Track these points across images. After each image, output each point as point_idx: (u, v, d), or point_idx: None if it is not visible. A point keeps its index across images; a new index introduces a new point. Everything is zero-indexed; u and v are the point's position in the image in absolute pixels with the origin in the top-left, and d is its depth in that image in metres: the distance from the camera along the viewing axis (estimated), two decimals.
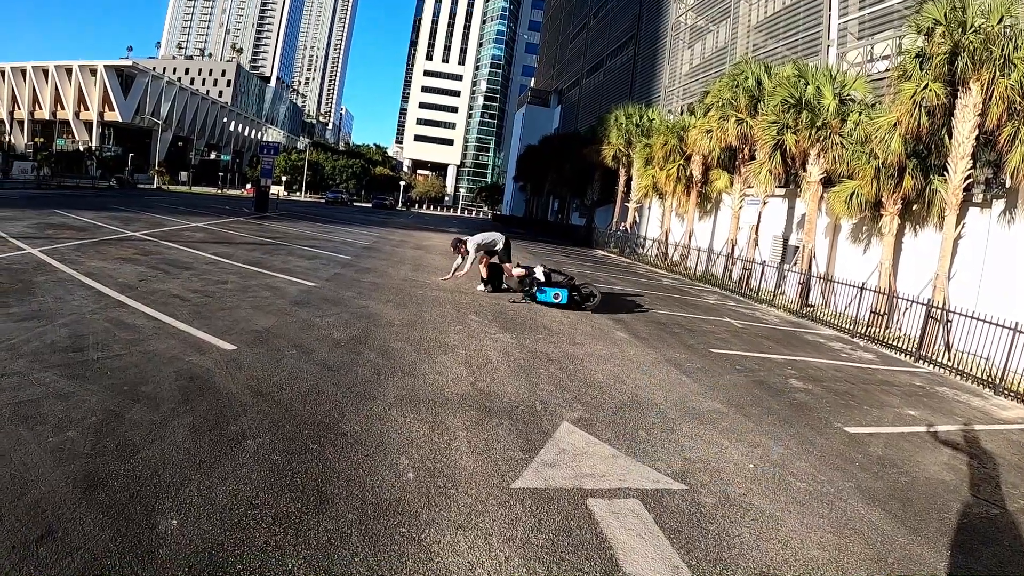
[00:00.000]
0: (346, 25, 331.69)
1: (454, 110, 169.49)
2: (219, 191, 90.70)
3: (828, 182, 21.55)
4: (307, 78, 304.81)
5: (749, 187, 26.64)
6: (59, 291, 9.37)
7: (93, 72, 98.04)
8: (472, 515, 4.00)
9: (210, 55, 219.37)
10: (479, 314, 11.39)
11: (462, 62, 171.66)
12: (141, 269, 11.99)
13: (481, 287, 14.59)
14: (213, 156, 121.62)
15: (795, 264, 22.90)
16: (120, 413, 5.10)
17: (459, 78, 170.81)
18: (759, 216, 25.74)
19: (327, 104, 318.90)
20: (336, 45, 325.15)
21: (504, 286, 14.96)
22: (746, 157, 26.54)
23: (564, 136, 61.22)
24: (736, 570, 3.87)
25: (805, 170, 22.43)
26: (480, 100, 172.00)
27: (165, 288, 10.36)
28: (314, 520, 3.76)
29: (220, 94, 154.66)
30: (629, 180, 40.45)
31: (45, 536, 3.38)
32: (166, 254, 14.58)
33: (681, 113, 39.34)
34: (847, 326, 16.71)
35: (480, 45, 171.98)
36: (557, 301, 13.30)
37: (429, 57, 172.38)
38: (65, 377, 5.70)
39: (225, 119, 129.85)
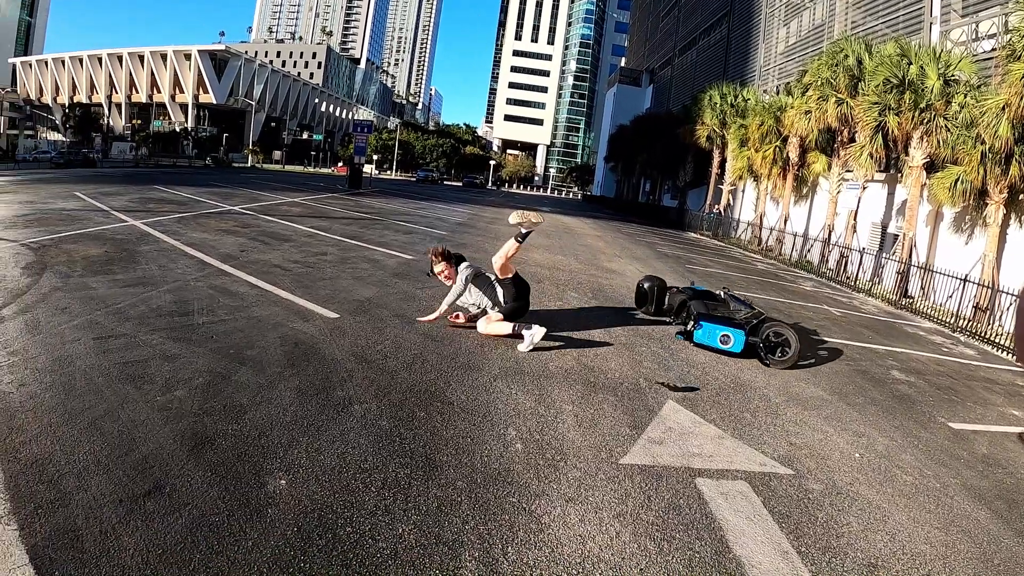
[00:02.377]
0: (434, 7, 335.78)
1: (543, 90, 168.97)
2: (309, 169, 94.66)
3: (931, 167, 20.51)
4: (396, 59, 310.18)
5: (848, 171, 25.57)
6: (162, 260, 9.83)
7: (187, 57, 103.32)
8: (582, 488, 3.97)
9: (300, 38, 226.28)
10: (577, 291, 11.26)
11: (551, 42, 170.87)
12: (242, 240, 12.47)
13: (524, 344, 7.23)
14: (305, 136, 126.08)
15: (894, 253, 21.81)
16: (227, 375, 5.23)
17: (548, 58, 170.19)
18: (858, 201, 24.60)
19: (416, 85, 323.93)
20: (424, 27, 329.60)
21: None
22: (845, 140, 25.54)
23: (656, 116, 60.20)
24: (844, 559, 3.75)
25: (907, 154, 21.36)
26: (570, 80, 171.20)
27: (266, 258, 10.70)
28: (423, 486, 3.78)
29: (311, 76, 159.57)
30: (723, 162, 39.52)
31: (153, 491, 3.46)
32: (265, 227, 15.12)
33: (777, 93, 37.90)
34: (947, 319, 15.64)
35: (569, 24, 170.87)
36: (725, 347, 8.22)
37: (518, 37, 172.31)
38: (171, 340, 5.87)
39: (316, 100, 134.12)
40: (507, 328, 7.33)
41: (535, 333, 7.09)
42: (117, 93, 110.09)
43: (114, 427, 4.15)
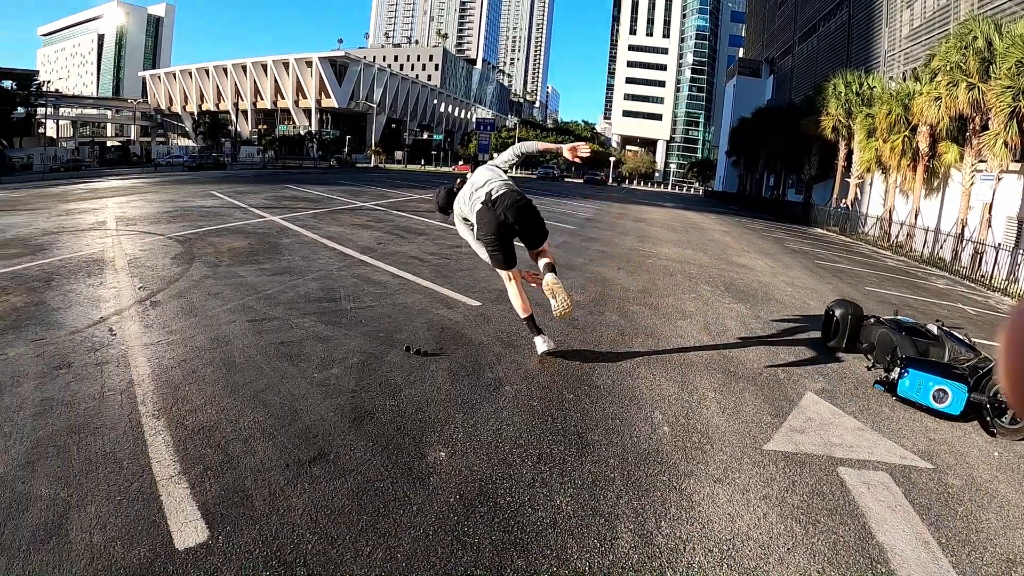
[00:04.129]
0: (546, 4, 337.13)
1: (661, 84, 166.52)
2: (430, 168, 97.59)
3: None
4: (512, 58, 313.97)
5: (981, 161, 23.74)
6: (304, 251, 10.55)
7: (308, 64, 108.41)
8: (728, 471, 4.07)
9: (416, 42, 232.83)
10: (711, 284, 11.12)
11: (666, 35, 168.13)
12: (377, 234, 13.15)
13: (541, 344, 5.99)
14: (425, 136, 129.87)
15: None
16: (379, 356, 5.56)
17: (664, 51, 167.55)
18: (992, 194, 22.92)
19: (532, 83, 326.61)
20: (538, 25, 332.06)
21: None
22: (977, 127, 23.77)
23: (777, 107, 58.18)
24: (984, 553, 3.64)
25: None
26: (687, 73, 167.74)
27: (403, 251, 11.18)
28: (577, 462, 3.93)
29: (429, 78, 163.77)
30: (849, 153, 37.55)
31: (318, 458, 3.73)
32: (397, 221, 15.77)
33: (904, 79, 35.87)
34: None
35: (684, 16, 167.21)
36: (939, 406, 5.99)
37: (632, 31, 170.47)
38: (322, 323, 6.22)
39: (435, 101, 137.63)
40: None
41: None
42: (243, 100, 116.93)
43: (276, 400, 4.49)
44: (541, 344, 5.87)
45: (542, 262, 5.74)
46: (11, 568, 2.75)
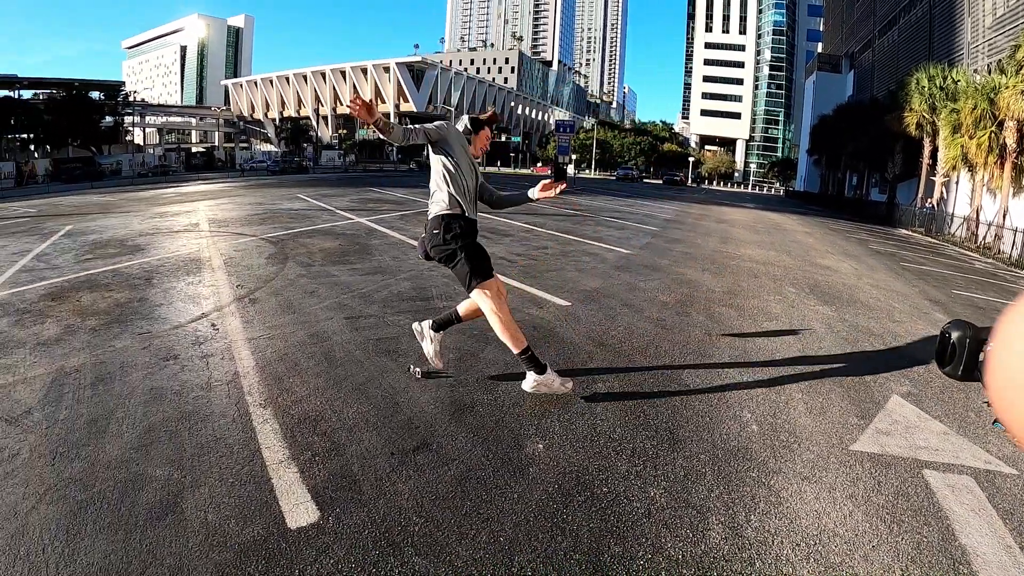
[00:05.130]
0: (620, 4, 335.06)
1: (739, 82, 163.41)
2: (509, 170, 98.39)
3: None
4: (587, 59, 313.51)
5: None
6: (394, 252, 10.97)
7: (386, 69, 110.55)
8: (815, 469, 4.12)
9: (492, 45, 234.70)
10: (795, 286, 10.99)
11: (743, 31, 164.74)
12: None
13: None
14: (503, 138, 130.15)
15: None
16: (475, 352, 5.80)
17: (741, 48, 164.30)
18: None
19: (609, 83, 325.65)
20: (612, 25, 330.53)
21: None
22: None
23: (859, 104, 56.54)
24: None
25: None
26: (765, 70, 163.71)
27: (490, 251, 11.04)
28: (669, 457, 4.03)
29: (505, 80, 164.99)
30: (934, 151, 36.21)
31: (420, 447, 3.94)
32: (482, 223, 15.60)
33: (989, 72, 34.44)
34: None
35: (760, 12, 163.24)
36: None
37: (708, 29, 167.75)
38: (417, 320, 6.30)
39: (512, 103, 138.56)
40: None
41: None
42: (323, 106, 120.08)
43: (377, 392, 4.75)
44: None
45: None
46: (128, 541, 3.00)
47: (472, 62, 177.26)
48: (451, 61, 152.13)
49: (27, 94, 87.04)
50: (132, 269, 9.74)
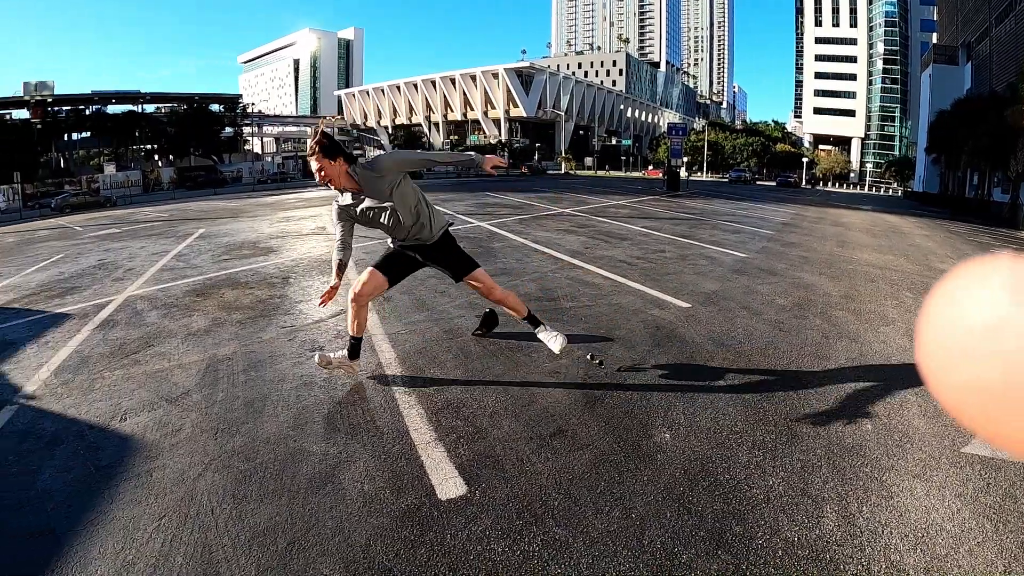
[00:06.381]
0: (725, 1, 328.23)
1: (852, 77, 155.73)
2: (619, 173, 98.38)
3: None
4: (695, 59, 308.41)
5: None
6: (517, 255, 11.48)
7: (495, 76, 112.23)
8: (926, 468, 4.17)
9: (599, 48, 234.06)
10: (913, 291, 10.77)
11: (853, 24, 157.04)
12: (582, 239, 13.86)
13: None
14: (613, 141, 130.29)
15: None
16: (602, 350, 6.06)
17: (853, 42, 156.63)
18: None
19: (718, 83, 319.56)
20: (719, 23, 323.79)
21: None
22: None
23: (977, 98, 52.54)
24: None
25: None
26: (879, 64, 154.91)
27: (610, 255, 11.76)
28: (787, 450, 4.20)
29: (613, 83, 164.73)
30: None
31: (556, 433, 4.28)
32: (599, 227, 16.52)
33: None
34: None
35: (870, 2, 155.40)
36: None
37: (818, 23, 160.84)
38: (545, 319, 6.79)
39: (621, 106, 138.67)
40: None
41: None
42: (434, 113, 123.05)
43: (513, 384, 5.14)
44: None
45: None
46: (292, 506, 3.45)
47: (580, 66, 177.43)
48: (558, 65, 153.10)
49: (150, 108, 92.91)
50: (268, 269, 10.49)
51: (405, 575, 2.89)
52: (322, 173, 4.68)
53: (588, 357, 5.72)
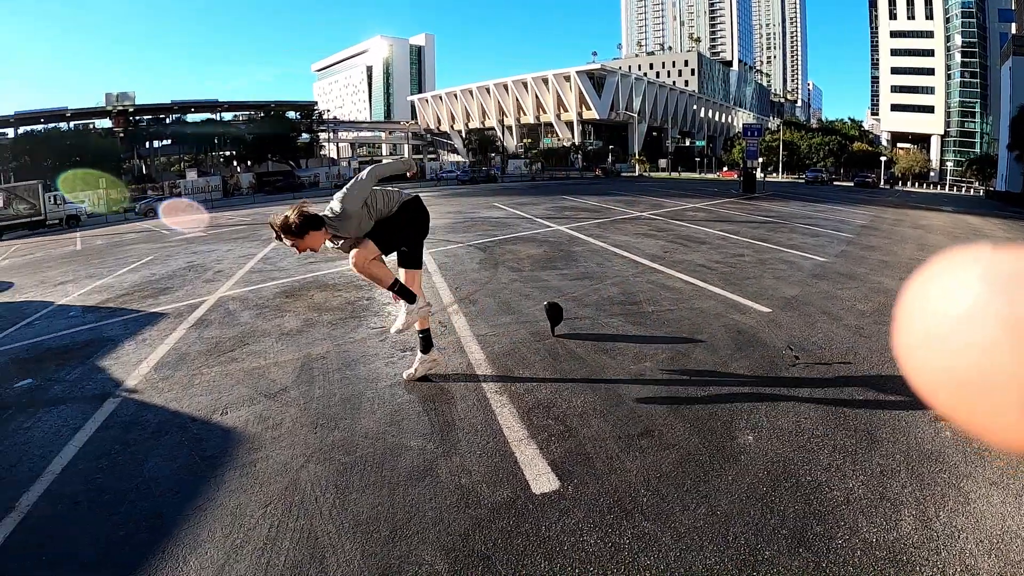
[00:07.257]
0: None
1: (930, 72, 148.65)
2: (694, 175, 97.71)
3: None
4: (768, 57, 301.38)
5: None
6: (597, 259, 11.65)
7: (567, 78, 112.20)
8: (1004, 476, 4.16)
9: (669, 48, 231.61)
10: None
11: (929, 16, 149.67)
12: (661, 243, 13.97)
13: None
14: (687, 143, 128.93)
15: None
16: (685, 354, 6.23)
17: (929, 35, 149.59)
18: None
19: (792, 81, 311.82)
20: (791, 19, 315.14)
21: None
22: None
23: None
24: None
25: None
26: (957, 57, 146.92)
27: (689, 259, 11.83)
28: (867, 455, 4.25)
29: (686, 83, 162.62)
30: None
31: (644, 434, 4.46)
32: (677, 231, 16.56)
33: None
34: None
35: None
36: None
37: (892, 16, 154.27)
38: (629, 323, 7.17)
39: (694, 107, 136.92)
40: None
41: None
42: (507, 116, 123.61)
43: (601, 385, 5.33)
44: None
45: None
46: (393, 497, 3.72)
47: (651, 66, 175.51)
48: (629, 66, 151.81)
49: (228, 116, 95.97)
50: (350, 274, 10.85)
51: (503, 563, 3.10)
52: (297, 249, 4.95)
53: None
